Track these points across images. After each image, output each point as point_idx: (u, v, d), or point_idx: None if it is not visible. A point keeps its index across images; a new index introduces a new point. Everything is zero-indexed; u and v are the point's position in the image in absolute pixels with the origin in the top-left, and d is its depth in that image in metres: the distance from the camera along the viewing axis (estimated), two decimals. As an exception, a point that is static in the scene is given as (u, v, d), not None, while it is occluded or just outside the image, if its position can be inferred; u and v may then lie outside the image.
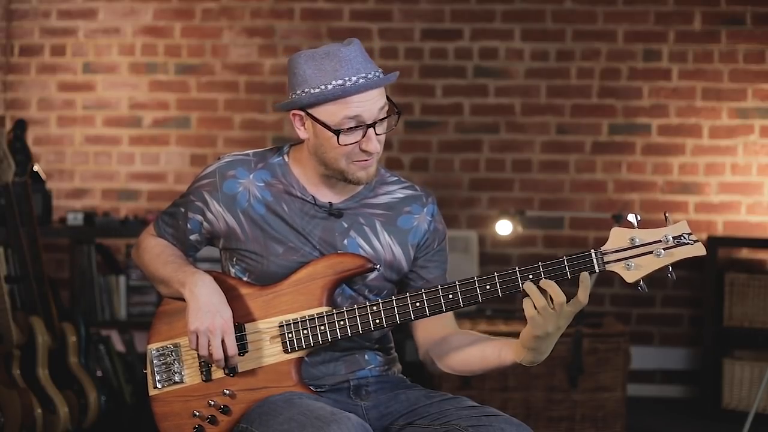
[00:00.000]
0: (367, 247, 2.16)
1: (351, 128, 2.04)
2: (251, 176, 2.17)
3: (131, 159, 5.00)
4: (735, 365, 4.54)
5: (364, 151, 2.06)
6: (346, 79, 2.01)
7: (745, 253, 4.87)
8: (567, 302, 1.91)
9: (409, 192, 2.24)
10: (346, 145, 2.04)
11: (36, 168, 4.32)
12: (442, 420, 2.01)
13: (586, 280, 1.89)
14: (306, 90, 2.04)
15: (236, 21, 4.97)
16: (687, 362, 4.93)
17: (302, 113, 2.08)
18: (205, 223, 2.20)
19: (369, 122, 2.04)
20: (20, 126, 4.10)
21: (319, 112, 2.05)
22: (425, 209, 2.23)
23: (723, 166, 4.90)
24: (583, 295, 1.90)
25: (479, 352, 2.08)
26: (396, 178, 2.26)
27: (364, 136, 2.05)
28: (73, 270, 4.51)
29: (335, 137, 2.04)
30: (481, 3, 4.95)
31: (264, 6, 4.98)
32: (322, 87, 2.02)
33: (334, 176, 2.12)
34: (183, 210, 2.22)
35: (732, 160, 4.89)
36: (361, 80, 2.01)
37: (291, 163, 2.19)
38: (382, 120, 2.07)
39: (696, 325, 4.91)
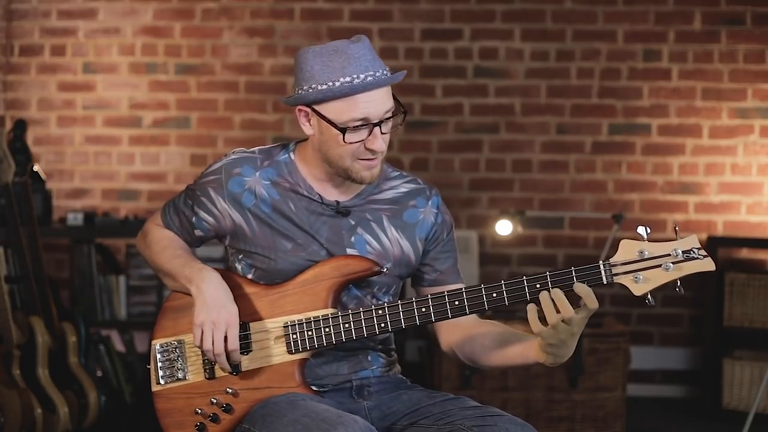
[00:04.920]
0: (375, 243, 2.16)
1: (357, 126, 2.03)
2: (257, 174, 2.16)
3: (131, 159, 4.99)
4: (735, 365, 4.54)
5: (369, 150, 2.05)
6: (354, 76, 2.00)
7: (745, 253, 4.87)
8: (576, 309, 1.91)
9: (412, 186, 2.24)
10: (351, 143, 2.04)
11: (36, 168, 4.31)
12: (445, 420, 2.01)
13: (581, 289, 1.91)
14: (313, 86, 2.03)
15: (236, 21, 4.97)
16: (687, 362, 4.93)
17: (308, 109, 2.07)
18: (211, 219, 2.18)
19: (375, 121, 2.03)
20: (20, 126, 4.10)
21: (326, 109, 2.04)
22: (430, 202, 2.23)
23: (723, 166, 4.90)
24: (591, 301, 1.91)
25: (502, 351, 2.08)
26: (398, 173, 2.26)
27: (369, 135, 2.04)
28: (73, 270, 4.51)
29: (341, 135, 2.03)
30: (481, 3, 4.94)
31: (264, 6, 4.97)
32: (330, 84, 2.01)
33: (338, 174, 2.11)
34: (190, 204, 2.21)
35: (732, 160, 4.90)
36: (369, 78, 2.00)
37: (297, 162, 2.19)
38: (387, 119, 2.07)
39: (696, 325, 4.91)
